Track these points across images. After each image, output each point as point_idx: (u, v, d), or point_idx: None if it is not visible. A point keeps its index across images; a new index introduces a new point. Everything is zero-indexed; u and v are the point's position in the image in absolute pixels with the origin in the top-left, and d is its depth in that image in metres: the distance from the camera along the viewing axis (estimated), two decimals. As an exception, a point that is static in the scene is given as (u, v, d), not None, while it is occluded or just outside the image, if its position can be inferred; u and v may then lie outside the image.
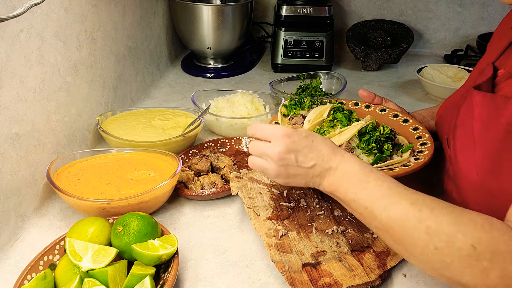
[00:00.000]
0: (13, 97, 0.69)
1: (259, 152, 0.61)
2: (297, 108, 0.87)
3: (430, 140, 0.78)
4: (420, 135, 0.81)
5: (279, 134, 0.58)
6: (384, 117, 0.88)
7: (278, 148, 0.58)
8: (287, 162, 0.59)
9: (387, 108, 0.89)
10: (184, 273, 0.65)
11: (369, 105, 0.91)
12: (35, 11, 0.73)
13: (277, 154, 0.58)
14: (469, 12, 1.56)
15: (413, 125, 0.84)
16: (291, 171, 0.59)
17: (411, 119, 0.86)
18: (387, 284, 0.63)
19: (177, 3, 1.32)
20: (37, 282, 0.55)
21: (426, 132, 0.81)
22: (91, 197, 0.72)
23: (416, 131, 0.82)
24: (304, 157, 0.58)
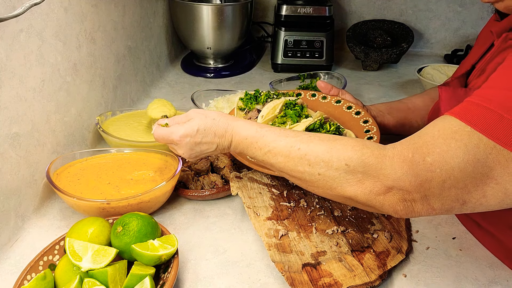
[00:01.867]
0: (13, 97, 0.69)
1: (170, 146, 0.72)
2: (253, 103, 0.89)
3: (377, 134, 0.81)
4: (368, 129, 0.83)
5: (177, 139, 0.67)
6: (338, 108, 0.90)
7: (182, 150, 0.69)
8: (195, 155, 0.70)
9: (342, 100, 0.92)
10: (184, 273, 0.65)
11: (326, 96, 0.94)
12: (35, 11, 0.73)
13: (184, 154, 0.69)
14: (469, 12, 1.56)
15: (364, 117, 0.86)
16: (202, 155, 0.71)
17: (363, 111, 0.88)
18: (387, 284, 0.63)
19: (177, 3, 1.32)
20: (37, 282, 0.55)
21: (375, 125, 0.83)
22: (91, 197, 0.72)
23: (366, 124, 0.85)
24: (206, 145, 0.68)
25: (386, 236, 0.68)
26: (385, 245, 0.67)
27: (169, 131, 0.68)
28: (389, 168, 0.52)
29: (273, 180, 0.81)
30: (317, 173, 0.56)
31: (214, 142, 0.67)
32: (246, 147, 0.65)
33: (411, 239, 0.71)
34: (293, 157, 0.59)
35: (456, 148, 0.49)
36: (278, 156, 0.60)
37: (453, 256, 0.68)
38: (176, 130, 0.67)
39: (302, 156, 0.58)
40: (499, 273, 0.65)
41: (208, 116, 0.68)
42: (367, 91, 1.30)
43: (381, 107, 0.93)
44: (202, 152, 0.69)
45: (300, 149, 0.58)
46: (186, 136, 0.67)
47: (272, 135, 0.62)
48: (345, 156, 0.55)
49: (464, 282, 0.63)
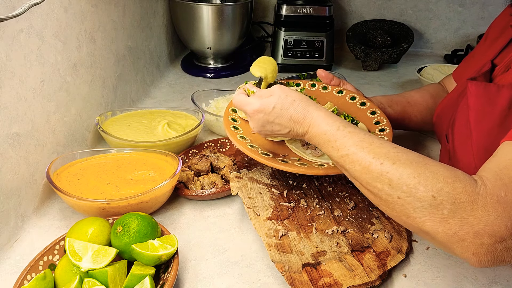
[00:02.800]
0: (13, 97, 0.69)
1: None
2: None
3: (388, 126, 0.79)
4: (378, 120, 0.81)
5: (250, 111, 0.65)
6: (341, 99, 0.87)
7: (253, 124, 0.66)
8: (265, 133, 0.67)
9: (344, 90, 0.88)
10: (184, 273, 0.65)
11: (326, 87, 0.90)
12: (35, 11, 0.72)
13: (254, 129, 0.67)
14: (469, 11, 1.56)
15: (371, 108, 0.84)
16: (272, 135, 0.67)
17: (368, 102, 0.86)
18: (387, 284, 0.63)
19: (177, 3, 1.32)
20: (37, 282, 0.55)
21: (384, 117, 0.81)
22: (91, 197, 0.72)
23: (374, 115, 0.83)
24: (278, 126, 0.64)
25: (386, 236, 0.68)
26: (385, 245, 0.67)
27: (246, 101, 0.66)
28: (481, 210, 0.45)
29: (273, 180, 0.81)
30: (397, 196, 0.50)
31: (288, 126, 0.63)
32: (322, 143, 0.60)
33: (411, 239, 0.71)
34: (372, 171, 0.53)
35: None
36: (356, 164, 0.55)
37: (453, 256, 0.68)
38: (253, 102, 0.65)
39: (383, 173, 0.52)
40: (499, 273, 0.65)
41: (289, 95, 0.63)
42: (367, 91, 1.30)
43: (381, 99, 0.93)
44: (273, 132, 0.65)
45: (383, 165, 0.52)
46: (260, 111, 0.64)
47: (355, 139, 0.57)
48: (434, 186, 0.48)
49: (464, 282, 0.63)
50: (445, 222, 0.47)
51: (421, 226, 0.49)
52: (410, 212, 0.50)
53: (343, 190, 0.79)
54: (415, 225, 0.50)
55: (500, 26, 0.75)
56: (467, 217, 0.46)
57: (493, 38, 0.75)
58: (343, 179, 0.83)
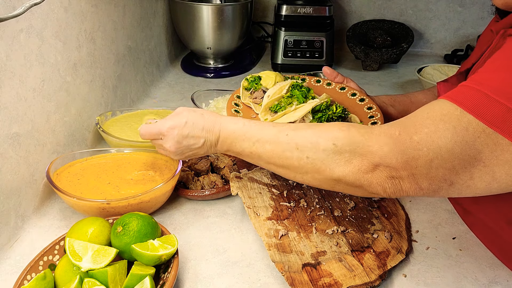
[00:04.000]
0: (13, 97, 0.69)
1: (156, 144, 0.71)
2: (258, 83, 0.89)
3: (381, 120, 0.81)
4: (372, 114, 0.83)
5: (164, 130, 0.67)
6: (342, 95, 0.91)
7: (168, 143, 0.67)
8: (181, 150, 0.68)
9: (346, 87, 0.92)
10: (184, 273, 0.65)
11: (330, 83, 0.94)
12: (35, 11, 0.72)
13: (170, 148, 0.68)
14: (469, 12, 1.56)
15: (368, 104, 0.87)
16: (189, 153, 0.69)
17: (367, 98, 0.88)
18: (387, 284, 0.63)
19: (177, 3, 1.32)
20: (37, 282, 0.55)
21: (379, 112, 0.84)
22: (91, 197, 0.72)
23: (370, 110, 0.85)
24: (193, 139, 0.67)
25: (386, 236, 0.68)
26: (385, 245, 0.67)
27: (156, 125, 0.68)
28: (375, 145, 0.52)
29: (273, 180, 0.81)
30: (305, 156, 0.57)
31: (202, 137, 0.66)
32: (235, 140, 0.64)
33: (411, 239, 0.71)
34: (281, 142, 0.59)
35: (444, 129, 0.49)
36: (266, 144, 0.61)
37: (453, 256, 0.68)
38: (164, 122, 0.67)
39: (290, 140, 0.58)
40: (499, 273, 0.65)
41: (196, 111, 0.68)
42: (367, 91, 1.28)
43: (384, 98, 0.94)
44: (189, 147, 0.68)
45: (288, 135, 0.59)
46: (174, 127, 0.66)
47: (260, 126, 0.63)
48: (332, 135, 0.55)
49: (464, 282, 0.63)
50: (348, 163, 0.54)
51: (332, 175, 0.55)
52: (320, 166, 0.56)
53: (343, 190, 0.80)
54: (326, 177, 0.56)
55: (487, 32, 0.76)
56: (365, 153, 0.53)
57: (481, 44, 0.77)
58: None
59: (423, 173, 0.51)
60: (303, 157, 0.57)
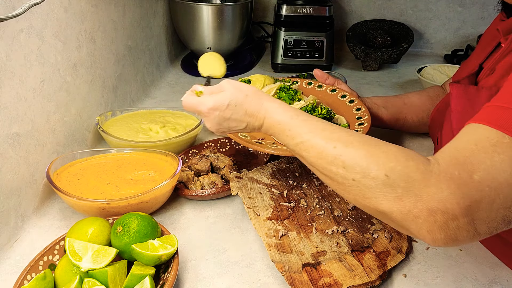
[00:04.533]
0: (13, 97, 0.69)
1: None
2: None
3: (368, 121, 0.81)
4: (360, 115, 0.84)
5: (204, 110, 0.63)
6: (332, 97, 0.92)
7: (209, 123, 0.64)
8: (222, 130, 0.65)
9: (337, 89, 0.93)
10: (184, 273, 0.65)
11: (322, 85, 0.95)
12: (35, 11, 0.72)
13: (211, 128, 0.65)
14: (469, 12, 1.56)
15: (357, 105, 0.87)
16: (231, 132, 0.66)
17: (357, 100, 0.89)
18: (387, 284, 0.63)
19: (177, 3, 1.32)
20: (37, 282, 0.55)
21: (367, 113, 0.84)
22: (91, 197, 0.72)
23: (358, 111, 0.85)
24: (235, 122, 0.63)
25: (386, 236, 0.68)
26: (385, 245, 0.67)
27: (198, 101, 0.64)
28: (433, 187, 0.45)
29: (273, 180, 0.81)
30: (352, 178, 0.51)
31: (244, 121, 0.63)
32: (278, 133, 0.60)
33: (411, 239, 0.71)
34: (326, 155, 0.54)
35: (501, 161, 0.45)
36: (310, 150, 0.56)
37: (453, 256, 0.68)
38: (206, 101, 0.63)
39: (337, 156, 0.52)
40: (499, 273, 0.65)
41: (241, 90, 0.63)
42: (367, 91, 1.30)
43: (376, 100, 0.94)
44: (230, 129, 0.65)
45: (336, 148, 0.53)
46: (215, 109, 0.62)
47: (308, 126, 0.57)
48: (387, 165, 0.48)
49: (464, 282, 0.63)
50: (399, 200, 0.47)
51: (377, 206, 0.49)
52: (365, 192, 0.50)
53: (343, 190, 0.79)
54: (371, 206, 0.50)
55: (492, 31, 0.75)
56: (421, 194, 0.46)
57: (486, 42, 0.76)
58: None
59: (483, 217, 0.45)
60: (349, 178, 0.51)
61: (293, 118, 0.59)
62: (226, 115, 0.62)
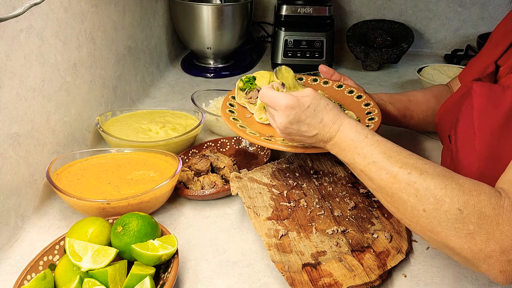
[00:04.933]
0: (13, 97, 0.69)
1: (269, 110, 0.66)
2: (253, 83, 0.89)
3: (379, 116, 0.80)
4: (370, 111, 0.83)
5: (283, 105, 0.61)
6: (339, 93, 0.91)
7: (281, 119, 0.62)
8: (289, 131, 0.64)
9: (344, 84, 0.92)
10: (184, 273, 0.65)
11: (328, 81, 0.94)
12: (35, 11, 0.73)
13: (280, 124, 0.63)
14: (469, 12, 1.56)
15: (366, 101, 0.86)
16: (295, 138, 0.65)
17: (365, 95, 0.88)
18: (387, 284, 0.63)
19: (177, 3, 1.32)
20: (37, 282, 0.55)
21: (376, 108, 0.83)
22: (91, 197, 0.72)
23: (367, 106, 0.85)
24: (307, 127, 0.62)
25: (386, 236, 0.68)
26: (385, 245, 0.67)
27: (279, 94, 0.62)
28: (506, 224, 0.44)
29: (273, 180, 0.81)
30: (423, 208, 0.49)
31: (317, 128, 0.61)
32: (348, 149, 0.59)
33: (411, 239, 0.71)
34: (399, 180, 0.51)
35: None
36: (382, 172, 0.53)
37: (453, 256, 0.68)
38: (286, 97, 0.61)
39: (410, 182, 0.50)
40: (499, 273, 0.65)
41: (322, 99, 0.62)
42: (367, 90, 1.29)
43: (382, 96, 0.93)
44: (299, 131, 0.63)
45: (411, 174, 0.51)
46: (293, 107, 0.60)
47: (382, 147, 0.56)
48: (460, 199, 0.46)
49: (464, 282, 0.63)
50: (471, 238, 0.45)
51: (446, 242, 0.47)
52: (435, 226, 0.48)
53: (343, 190, 0.79)
54: (439, 240, 0.48)
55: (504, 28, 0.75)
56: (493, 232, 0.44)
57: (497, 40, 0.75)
58: (343, 179, 0.83)
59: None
60: (419, 208, 0.49)
61: (368, 137, 0.58)
62: (302, 116, 0.61)
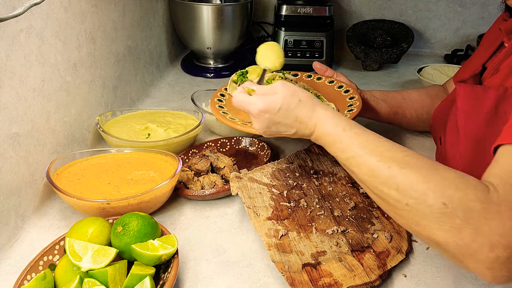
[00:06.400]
0: (13, 97, 0.69)
1: None
2: (245, 77, 0.91)
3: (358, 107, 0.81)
4: (352, 103, 0.85)
5: (255, 111, 0.61)
6: (329, 87, 0.93)
7: (257, 125, 0.63)
8: (270, 133, 0.64)
9: (335, 80, 0.95)
10: (184, 273, 0.65)
11: (321, 77, 0.96)
12: (35, 11, 0.72)
13: (259, 129, 0.64)
14: (469, 12, 1.56)
15: (352, 94, 0.88)
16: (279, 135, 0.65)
17: (352, 90, 0.90)
18: (387, 284, 0.63)
19: (177, 3, 1.32)
20: (37, 282, 0.55)
21: (359, 100, 0.84)
22: (91, 197, 0.72)
23: (352, 100, 0.86)
24: (284, 127, 0.62)
25: (386, 236, 0.68)
26: (385, 245, 0.67)
27: (249, 101, 0.62)
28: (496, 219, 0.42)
29: (273, 180, 0.81)
30: (405, 202, 0.47)
31: (294, 127, 0.61)
32: (328, 144, 0.58)
33: (411, 239, 0.71)
34: (379, 175, 0.50)
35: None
36: (362, 167, 0.53)
37: (453, 256, 0.68)
38: (257, 102, 0.61)
39: (391, 177, 0.49)
40: (499, 273, 0.65)
41: (294, 94, 0.61)
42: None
43: (376, 93, 0.94)
44: (279, 132, 0.63)
45: (391, 168, 0.49)
46: (265, 112, 0.60)
47: (361, 140, 0.54)
48: (445, 193, 0.45)
49: (464, 282, 0.63)
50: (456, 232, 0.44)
51: (431, 236, 0.46)
52: (419, 220, 0.46)
53: (343, 190, 0.79)
54: (424, 234, 0.47)
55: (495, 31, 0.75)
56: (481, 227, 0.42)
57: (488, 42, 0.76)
58: (343, 179, 0.83)
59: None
60: (402, 201, 0.48)
61: (346, 130, 0.56)
62: (276, 119, 0.61)
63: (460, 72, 0.85)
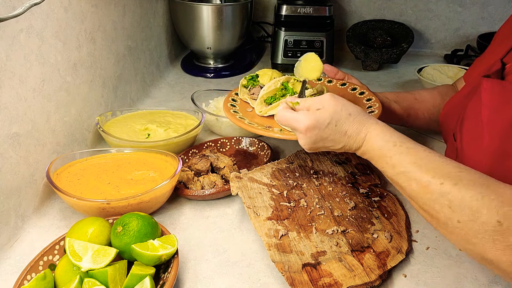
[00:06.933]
0: (13, 97, 0.69)
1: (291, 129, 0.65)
2: (256, 81, 0.91)
3: (379, 109, 0.80)
4: (370, 105, 0.83)
5: (302, 128, 0.60)
6: (343, 90, 0.92)
7: (303, 141, 0.61)
8: (316, 148, 0.62)
9: (347, 83, 0.93)
10: (184, 273, 0.65)
11: (331, 80, 0.95)
12: (35, 11, 0.73)
13: (304, 146, 0.62)
14: (469, 12, 1.56)
15: (368, 96, 0.87)
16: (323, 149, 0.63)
17: (367, 91, 0.88)
18: (387, 284, 0.63)
19: (177, 3, 1.32)
20: (37, 282, 0.55)
21: (377, 102, 0.83)
22: (91, 197, 0.72)
23: (369, 101, 0.85)
24: (331, 142, 0.61)
25: (386, 236, 0.68)
26: (385, 245, 0.67)
27: (295, 117, 0.60)
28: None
29: (273, 180, 0.81)
30: (457, 219, 0.46)
31: (342, 141, 0.60)
32: (377, 158, 0.57)
33: (411, 239, 0.71)
34: (431, 191, 0.49)
35: None
36: (413, 183, 0.51)
37: (453, 256, 0.68)
38: (304, 119, 0.59)
39: (443, 194, 0.48)
40: (499, 273, 0.65)
41: (343, 108, 0.59)
42: (367, 91, 1.30)
43: (388, 94, 0.93)
44: (325, 147, 0.62)
45: (444, 185, 0.48)
46: (313, 128, 0.59)
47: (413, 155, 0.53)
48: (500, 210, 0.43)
49: (464, 282, 0.63)
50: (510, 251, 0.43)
51: (483, 254, 0.45)
52: (471, 237, 0.45)
53: (343, 190, 0.79)
54: (476, 251, 0.46)
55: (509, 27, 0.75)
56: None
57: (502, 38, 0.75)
58: (343, 179, 0.83)
59: None
60: (453, 219, 0.46)
61: (397, 145, 0.55)
62: (325, 134, 0.59)
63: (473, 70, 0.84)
